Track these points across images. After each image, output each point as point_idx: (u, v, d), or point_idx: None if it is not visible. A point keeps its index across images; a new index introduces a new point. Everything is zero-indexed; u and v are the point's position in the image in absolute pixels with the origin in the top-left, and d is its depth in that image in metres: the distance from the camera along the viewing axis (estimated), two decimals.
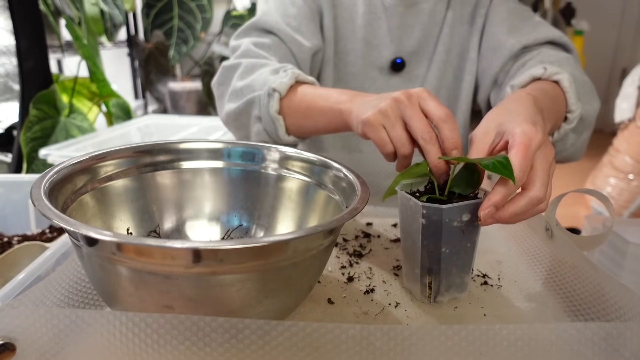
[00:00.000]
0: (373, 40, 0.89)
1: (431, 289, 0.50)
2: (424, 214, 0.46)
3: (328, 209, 0.53)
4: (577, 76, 0.70)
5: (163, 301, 0.38)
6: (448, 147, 0.50)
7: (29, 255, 0.67)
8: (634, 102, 2.32)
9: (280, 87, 0.68)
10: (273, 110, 0.69)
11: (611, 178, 2.27)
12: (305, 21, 0.84)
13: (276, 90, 0.68)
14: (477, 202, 0.46)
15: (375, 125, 0.53)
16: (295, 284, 0.42)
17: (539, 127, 0.47)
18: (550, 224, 0.57)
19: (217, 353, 0.33)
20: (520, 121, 0.47)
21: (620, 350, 0.34)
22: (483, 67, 0.85)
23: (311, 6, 0.86)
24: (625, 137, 2.29)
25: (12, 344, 0.33)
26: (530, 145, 0.45)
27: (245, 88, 0.74)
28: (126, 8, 2.79)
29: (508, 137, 0.46)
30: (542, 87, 0.63)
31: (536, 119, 0.48)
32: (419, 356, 0.34)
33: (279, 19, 0.82)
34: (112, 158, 0.53)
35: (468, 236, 0.47)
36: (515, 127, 0.46)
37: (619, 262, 1.10)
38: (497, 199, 0.44)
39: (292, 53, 0.82)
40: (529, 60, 0.76)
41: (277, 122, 0.69)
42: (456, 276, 0.49)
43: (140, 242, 0.35)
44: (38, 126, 1.62)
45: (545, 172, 0.45)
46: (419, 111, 0.51)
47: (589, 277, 0.49)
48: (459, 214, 0.46)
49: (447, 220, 0.46)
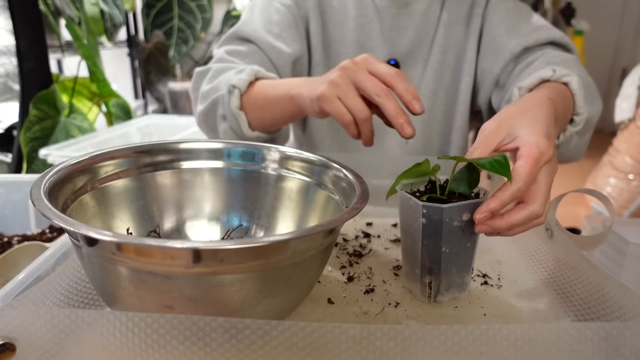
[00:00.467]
0: (366, 42, 0.88)
1: (431, 288, 0.50)
2: (424, 214, 0.46)
3: (328, 209, 0.53)
4: (582, 77, 0.70)
5: (163, 301, 0.38)
6: (407, 99, 0.53)
7: (29, 255, 0.67)
8: (634, 102, 2.32)
9: (239, 83, 0.70)
10: (234, 106, 0.70)
11: (611, 178, 2.27)
12: (287, 27, 0.85)
13: (236, 86, 0.70)
14: (478, 202, 0.46)
15: (330, 97, 0.55)
16: (295, 284, 0.42)
17: (551, 141, 0.46)
18: (550, 224, 0.57)
19: (217, 353, 0.33)
20: (536, 131, 0.46)
21: (620, 350, 0.34)
22: (483, 68, 0.85)
23: (294, 12, 0.87)
24: (625, 137, 2.29)
25: (12, 344, 0.33)
26: (540, 159, 0.44)
27: (211, 90, 0.76)
28: (126, 8, 2.79)
29: (519, 144, 0.46)
30: (558, 89, 0.62)
31: (551, 131, 0.48)
32: (419, 356, 0.34)
33: (258, 27, 0.84)
34: (112, 158, 0.53)
35: (468, 236, 0.47)
36: (530, 136, 0.46)
37: (619, 262, 1.10)
38: (495, 205, 0.44)
39: (270, 60, 0.83)
40: (533, 61, 0.76)
41: (239, 117, 0.71)
42: (456, 276, 0.49)
43: (140, 242, 0.35)
44: (38, 126, 1.62)
45: (547, 188, 0.45)
46: (367, 73, 0.54)
47: (589, 277, 0.49)
48: (459, 213, 0.46)
49: (448, 219, 0.46)
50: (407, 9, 0.87)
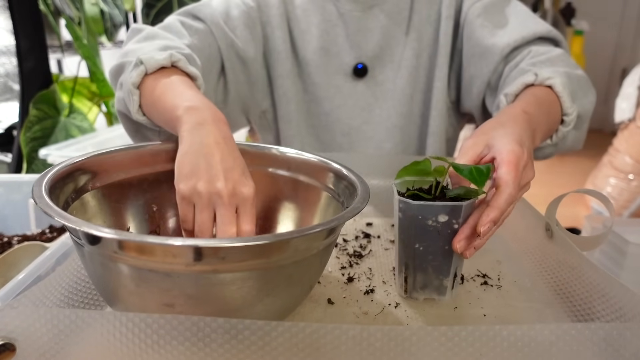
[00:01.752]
0: (332, 48, 0.87)
1: (407, 283, 0.50)
2: (400, 208, 0.47)
3: (329, 209, 0.53)
4: (570, 73, 0.69)
5: (164, 299, 0.38)
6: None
7: (29, 255, 0.67)
8: (634, 102, 2.32)
9: (149, 61, 0.60)
10: (131, 81, 0.60)
11: (611, 178, 2.27)
12: (243, 26, 0.82)
13: (143, 63, 0.60)
14: (455, 205, 0.46)
15: (186, 200, 0.48)
16: (296, 283, 0.42)
17: (525, 149, 0.50)
18: (550, 224, 0.57)
19: (217, 353, 0.33)
20: (510, 141, 0.49)
21: (620, 351, 0.34)
22: (472, 73, 0.83)
23: (254, 15, 0.84)
24: (625, 137, 2.29)
25: (12, 344, 0.33)
26: (519, 164, 0.48)
27: (130, 52, 0.67)
28: (126, 8, 2.79)
29: (495, 154, 0.49)
30: (537, 96, 0.63)
31: (524, 140, 0.51)
32: (419, 357, 0.34)
33: (216, 14, 0.80)
34: (113, 158, 0.53)
35: (446, 239, 0.47)
36: (504, 145, 0.49)
37: (619, 262, 1.10)
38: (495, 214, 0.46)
39: (218, 48, 0.79)
40: (520, 61, 0.75)
41: (132, 95, 0.60)
42: (433, 277, 0.49)
43: (141, 240, 0.35)
44: (38, 126, 1.62)
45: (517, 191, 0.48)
46: (232, 215, 0.47)
47: (589, 277, 0.49)
48: (433, 213, 0.46)
49: (420, 217, 0.46)
50: (371, 11, 0.85)
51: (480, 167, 0.45)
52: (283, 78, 0.87)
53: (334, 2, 0.86)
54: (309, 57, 0.87)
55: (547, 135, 0.65)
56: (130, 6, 2.90)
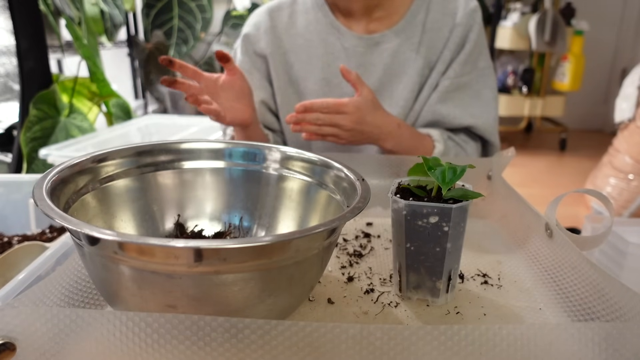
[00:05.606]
0: (333, 79, 0.91)
1: (401, 282, 0.51)
2: (392, 206, 0.48)
3: (329, 208, 0.53)
4: (459, 156, 0.88)
5: (166, 301, 0.38)
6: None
7: (29, 255, 0.67)
8: (634, 102, 2.32)
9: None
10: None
11: (611, 178, 2.27)
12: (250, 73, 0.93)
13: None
14: (444, 207, 0.46)
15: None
16: (297, 283, 0.42)
17: (366, 118, 0.75)
18: (550, 224, 0.57)
19: (217, 353, 0.33)
20: (368, 103, 0.75)
21: (620, 351, 0.34)
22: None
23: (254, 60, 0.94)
24: (625, 137, 2.29)
25: (12, 344, 0.33)
26: (348, 106, 0.73)
27: None
28: (126, 8, 2.79)
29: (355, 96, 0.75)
30: (418, 132, 0.86)
31: (377, 117, 0.77)
32: (419, 356, 0.34)
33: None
34: (113, 158, 0.53)
35: (437, 240, 0.47)
36: (363, 97, 0.75)
37: (619, 262, 1.10)
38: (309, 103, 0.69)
39: None
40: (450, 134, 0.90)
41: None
42: (426, 278, 0.49)
43: (142, 242, 0.35)
44: (38, 126, 1.62)
45: (329, 118, 0.73)
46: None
47: (589, 277, 0.49)
48: (423, 213, 0.46)
49: (409, 217, 0.47)
50: (377, 47, 0.89)
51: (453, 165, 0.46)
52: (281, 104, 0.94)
53: (338, 37, 0.90)
54: (310, 87, 0.92)
55: (404, 151, 0.82)
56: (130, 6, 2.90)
